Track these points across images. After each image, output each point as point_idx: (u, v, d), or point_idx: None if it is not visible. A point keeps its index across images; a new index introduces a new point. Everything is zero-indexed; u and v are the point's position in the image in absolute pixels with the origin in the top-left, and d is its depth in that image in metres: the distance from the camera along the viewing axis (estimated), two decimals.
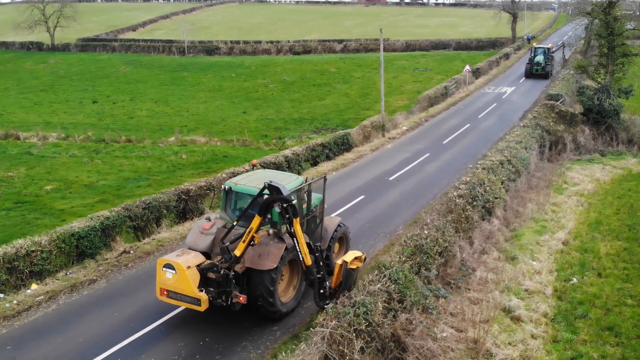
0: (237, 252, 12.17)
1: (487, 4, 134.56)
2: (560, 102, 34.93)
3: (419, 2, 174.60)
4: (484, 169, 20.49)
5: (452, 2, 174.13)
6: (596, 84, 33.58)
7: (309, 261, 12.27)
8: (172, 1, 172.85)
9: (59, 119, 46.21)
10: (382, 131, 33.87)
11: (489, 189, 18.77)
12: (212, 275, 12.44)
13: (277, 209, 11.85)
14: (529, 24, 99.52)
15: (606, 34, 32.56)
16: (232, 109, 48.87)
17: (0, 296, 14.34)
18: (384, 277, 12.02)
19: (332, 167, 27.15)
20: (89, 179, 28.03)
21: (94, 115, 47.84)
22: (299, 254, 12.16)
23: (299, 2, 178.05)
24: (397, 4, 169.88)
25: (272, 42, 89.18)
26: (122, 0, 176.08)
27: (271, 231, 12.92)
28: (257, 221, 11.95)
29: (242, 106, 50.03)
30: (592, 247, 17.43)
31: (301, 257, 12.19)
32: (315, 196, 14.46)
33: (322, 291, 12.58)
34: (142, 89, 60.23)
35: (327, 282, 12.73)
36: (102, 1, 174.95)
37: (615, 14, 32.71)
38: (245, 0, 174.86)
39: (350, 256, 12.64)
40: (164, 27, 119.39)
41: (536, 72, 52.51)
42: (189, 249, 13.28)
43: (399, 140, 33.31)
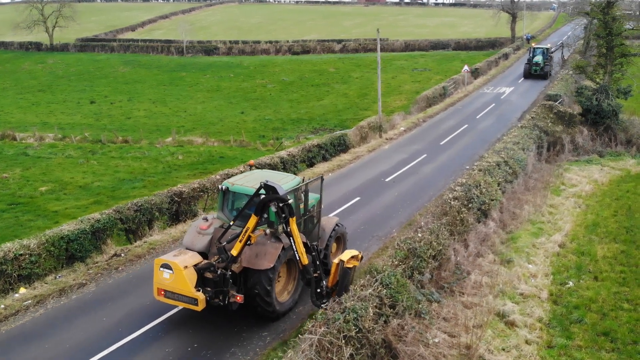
0: (234, 252, 12.27)
1: (487, 3, 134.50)
2: (558, 103, 34.73)
3: (419, 2, 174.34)
4: (480, 171, 20.30)
5: (451, 2, 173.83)
6: (595, 84, 33.37)
7: (305, 260, 12.27)
8: (171, 1, 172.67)
9: (56, 119, 46.03)
10: (379, 132, 33.68)
11: (485, 190, 18.55)
12: (209, 275, 12.45)
13: (274, 208, 11.95)
14: (528, 23, 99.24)
15: (605, 34, 32.40)
16: (230, 110, 48.66)
17: None
18: (376, 281, 11.85)
19: (328, 168, 26.96)
20: (84, 180, 27.85)
21: (91, 115, 47.64)
22: (296, 253, 12.18)
23: (298, 2, 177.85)
24: (396, 3, 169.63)
25: (271, 42, 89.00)
26: (122, 0, 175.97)
27: (268, 231, 12.94)
28: (253, 221, 12.07)
29: (240, 106, 49.82)
30: (589, 249, 17.24)
31: (297, 257, 12.21)
32: (312, 196, 14.44)
33: (319, 290, 12.54)
34: (140, 89, 60.04)
35: (324, 281, 12.66)
36: (101, 1, 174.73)
37: (613, 14, 32.56)
38: (244, 0, 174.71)
39: (346, 255, 12.53)
40: (163, 27, 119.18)
41: (535, 72, 52.26)
42: (186, 248, 13.23)
43: (397, 141, 33.11)
